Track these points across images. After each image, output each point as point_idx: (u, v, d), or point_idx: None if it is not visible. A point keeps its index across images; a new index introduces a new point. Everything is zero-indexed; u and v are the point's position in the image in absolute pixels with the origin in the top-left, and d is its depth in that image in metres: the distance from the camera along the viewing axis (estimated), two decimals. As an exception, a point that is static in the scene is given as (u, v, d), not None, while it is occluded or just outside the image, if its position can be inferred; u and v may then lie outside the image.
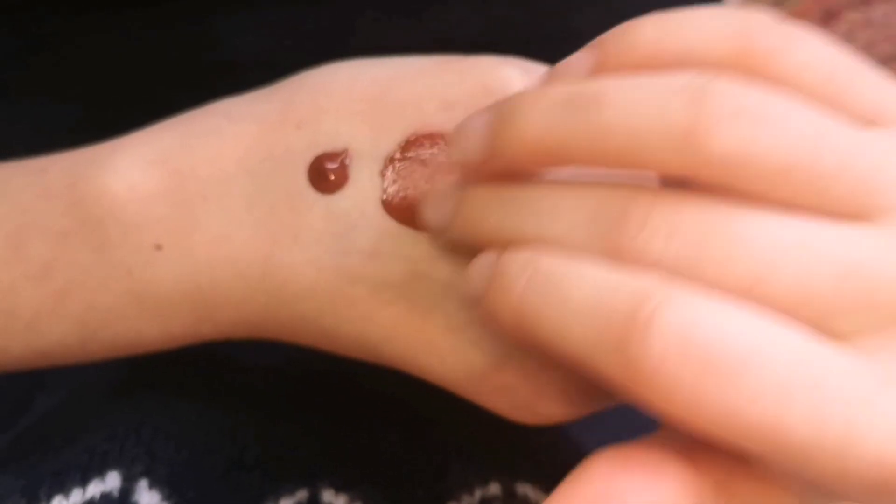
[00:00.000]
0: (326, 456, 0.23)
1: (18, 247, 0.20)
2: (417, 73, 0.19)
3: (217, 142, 0.20)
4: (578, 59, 0.16)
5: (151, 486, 0.20)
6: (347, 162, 0.19)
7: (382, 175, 0.19)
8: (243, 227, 0.19)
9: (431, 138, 0.19)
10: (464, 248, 0.18)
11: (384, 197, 0.19)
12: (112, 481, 0.20)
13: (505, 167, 0.16)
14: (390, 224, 0.19)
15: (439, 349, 0.19)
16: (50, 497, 0.19)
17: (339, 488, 0.21)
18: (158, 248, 0.19)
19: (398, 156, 0.19)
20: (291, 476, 0.22)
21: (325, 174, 0.19)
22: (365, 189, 0.19)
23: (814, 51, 0.14)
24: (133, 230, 0.19)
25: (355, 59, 0.20)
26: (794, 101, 0.13)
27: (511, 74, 0.19)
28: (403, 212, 0.19)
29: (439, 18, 0.26)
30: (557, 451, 0.23)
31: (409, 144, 0.19)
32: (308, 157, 0.19)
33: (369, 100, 0.19)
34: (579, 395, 0.18)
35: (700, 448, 0.13)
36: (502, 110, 0.15)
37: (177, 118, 0.21)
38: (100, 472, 0.20)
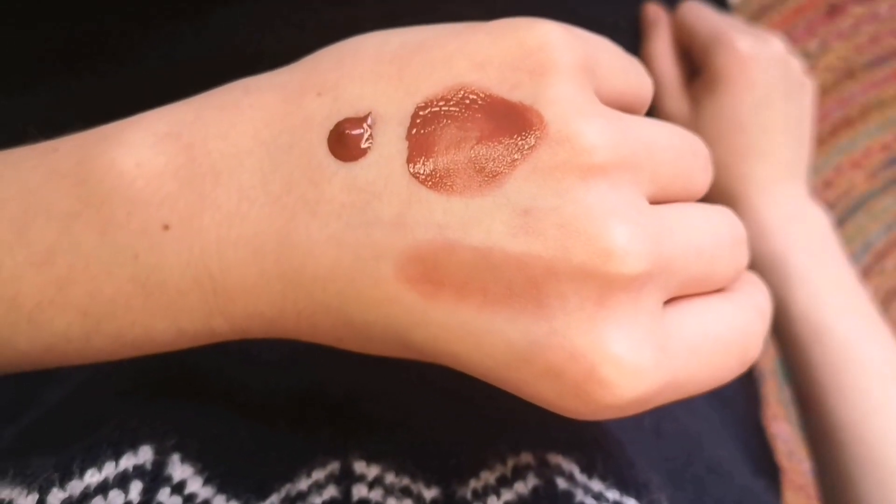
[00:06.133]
0: (357, 427, 0.23)
1: (23, 230, 0.19)
2: (449, 34, 0.19)
3: (233, 114, 0.19)
4: None
5: (184, 460, 0.20)
6: (370, 124, 0.18)
7: (408, 137, 0.18)
8: (256, 204, 0.18)
9: (462, 94, 0.18)
10: (503, 215, 0.17)
11: (411, 161, 0.17)
12: (144, 455, 0.20)
13: None
14: (419, 190, 0.17)
15: (474, 330, 0.17)
16: (83, 470, 0.19)
17: (370, 459, 0.21)
18: (166, 228, 0.18)
19: (427, 115, 0.18)
20: (322, 448, 0.22)
21: (347, 141, 0.18)
22: (390, 154, 0.17)
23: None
24: (139, 209, 0.18)
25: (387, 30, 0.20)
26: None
27: (548, 29, 0.18)
28: (433, 175, 0.17)
29: (447, 15, 0.26)
30: (587, 427, 0.23)
31: (437, 102, 0.18)
32: (329, 126, 0.18)
33: (397, 62, 0.18)
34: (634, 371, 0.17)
35: None
36: None
37: (198, 95, 0.20)
38: (132, 445, 0.20)
